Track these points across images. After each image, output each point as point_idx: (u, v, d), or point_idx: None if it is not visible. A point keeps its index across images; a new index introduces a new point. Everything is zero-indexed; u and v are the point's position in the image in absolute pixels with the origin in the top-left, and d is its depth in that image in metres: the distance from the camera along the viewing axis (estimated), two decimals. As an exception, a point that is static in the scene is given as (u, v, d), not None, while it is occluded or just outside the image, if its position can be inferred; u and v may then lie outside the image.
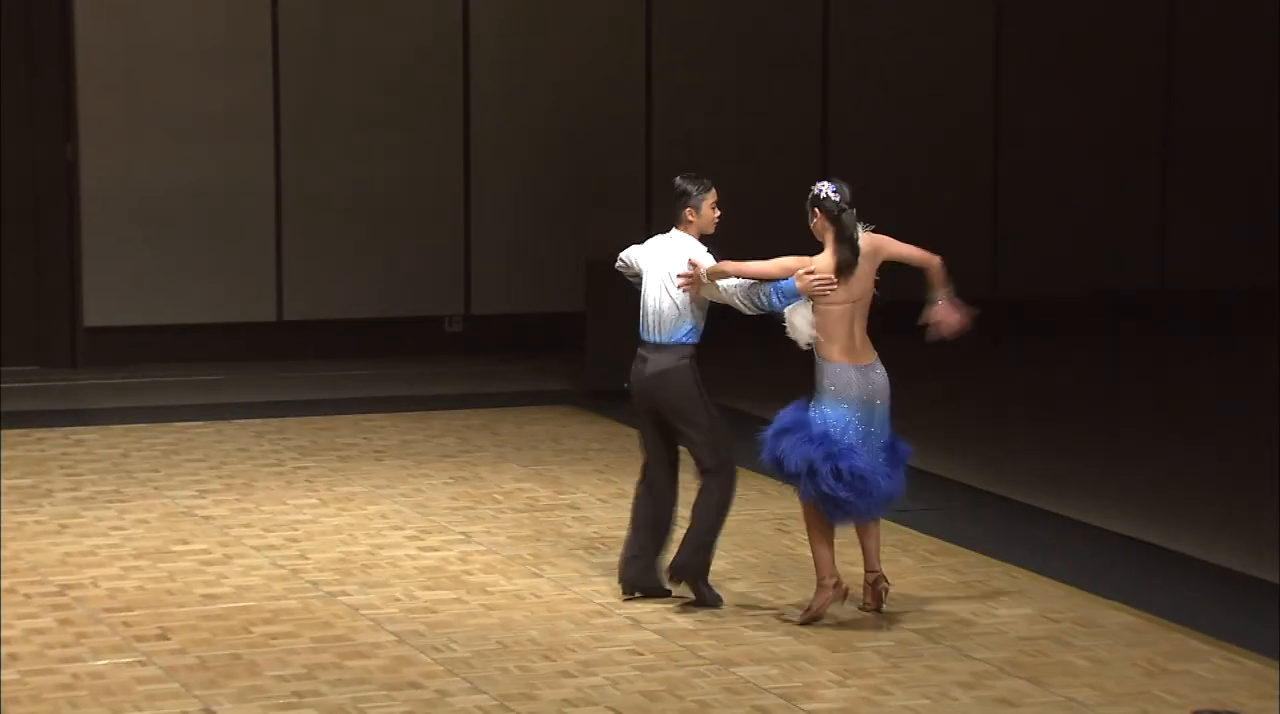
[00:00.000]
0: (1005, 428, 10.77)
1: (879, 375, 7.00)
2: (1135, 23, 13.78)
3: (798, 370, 7.21)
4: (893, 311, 7.30)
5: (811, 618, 6.95)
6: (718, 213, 7.22)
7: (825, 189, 7.03)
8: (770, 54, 13.06)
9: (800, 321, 6.95)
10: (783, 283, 6.94)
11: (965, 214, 13.58)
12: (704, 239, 7.24)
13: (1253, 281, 13.66)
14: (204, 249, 12.00)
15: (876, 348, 7.04)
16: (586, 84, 12.69)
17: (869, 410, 6.97)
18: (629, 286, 7.46)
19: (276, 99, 12.09)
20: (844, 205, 7.01)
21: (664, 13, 12.83)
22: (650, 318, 7.18)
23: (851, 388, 6.92)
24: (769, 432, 6.95)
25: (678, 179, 7.25)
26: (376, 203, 12.34)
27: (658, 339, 7.14)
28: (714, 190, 7.22)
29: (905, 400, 7.21)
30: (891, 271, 7.23)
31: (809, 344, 6.97)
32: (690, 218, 7.18)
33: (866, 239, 7.03)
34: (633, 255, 7.36)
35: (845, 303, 6.94)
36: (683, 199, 7.19)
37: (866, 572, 7.09)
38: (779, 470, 6.96)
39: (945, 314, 7.09)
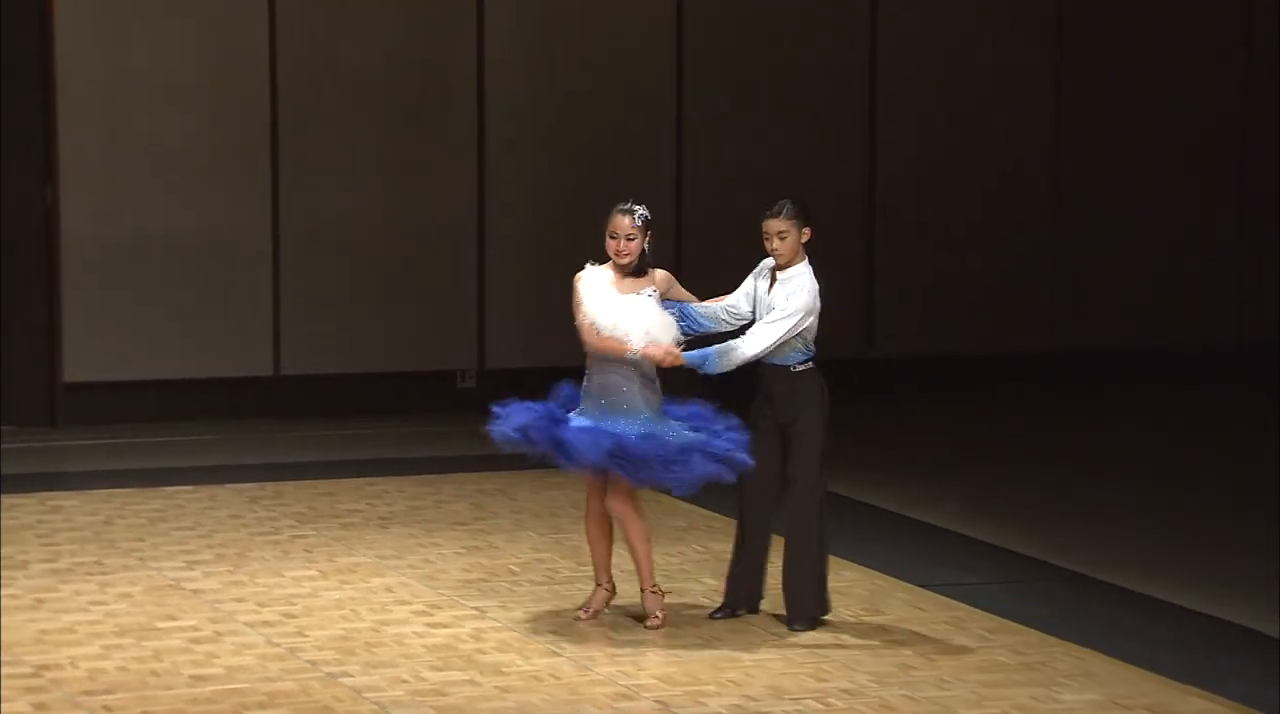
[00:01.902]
0: (1069, 493, 10.73)
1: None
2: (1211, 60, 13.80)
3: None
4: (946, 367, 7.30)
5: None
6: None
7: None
8: (812, 78, 13.06)
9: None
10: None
11: (1021, 257, 13.56)
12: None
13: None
14: (195, 298, 12.04)
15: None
16: (611, 122, 12.72)
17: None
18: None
19: (274, 136, 12.14)
20: None
21: (696, 35, 12.86)
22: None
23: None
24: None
25: None
26: (382, 248, 12.37)
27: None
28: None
29: (960, 463, 7.23)
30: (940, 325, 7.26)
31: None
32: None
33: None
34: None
35: None
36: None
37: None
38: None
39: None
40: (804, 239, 7.84)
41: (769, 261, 7.90)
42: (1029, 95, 13.53)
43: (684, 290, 7.97)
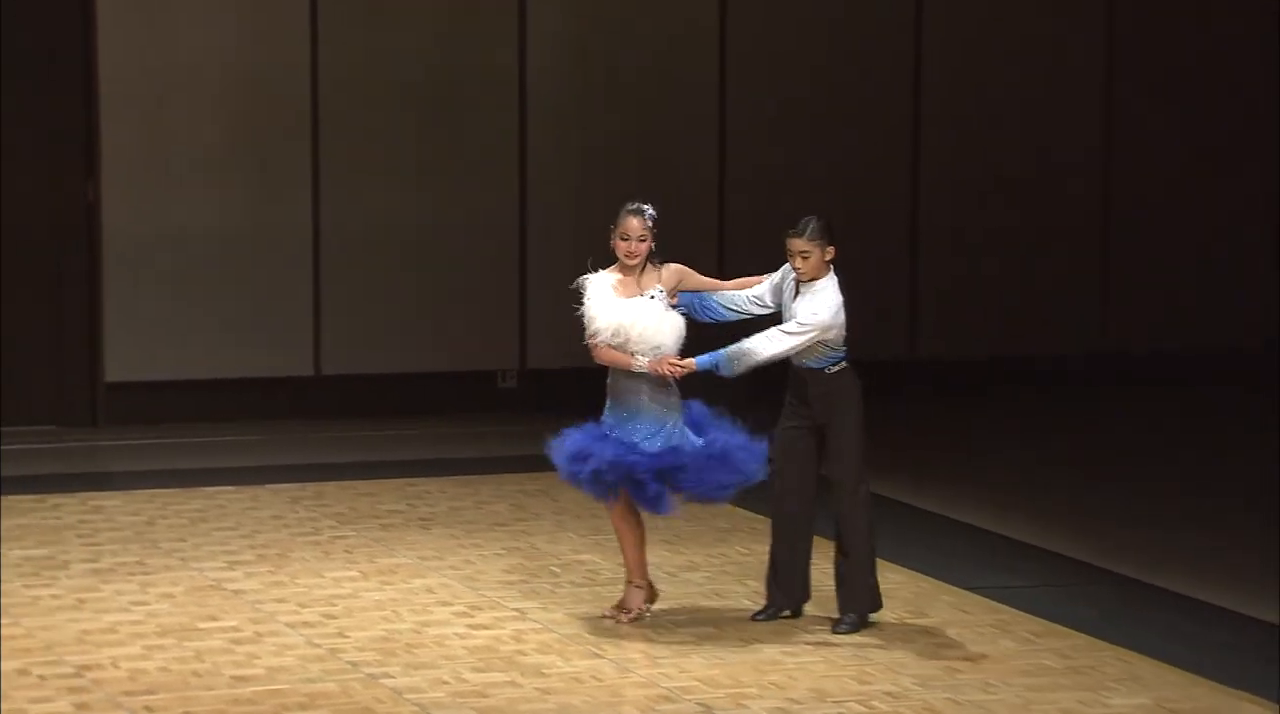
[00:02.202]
0: (1117, 495, 10.67)
1: None
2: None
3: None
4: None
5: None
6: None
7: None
8: (856, 83, 13.04)
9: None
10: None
11: (1071, 257, 13.51)
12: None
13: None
14: (236, 297, 12.06)
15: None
16: (654, 119, 12.71)
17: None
18: (693, 327, 7.87)
19: (315, 133, 12.16)
20: None
21: (739, 38, 12.84)
22: None
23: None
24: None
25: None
26: (424, 247, 12.38)
27: None
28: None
29: (1005, 465, 7.20)
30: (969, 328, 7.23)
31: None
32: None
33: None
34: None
35: None
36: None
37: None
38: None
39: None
40: (828, 258, 7.78)
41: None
42: (1075, 98, 13.47)
43: (702, 278, 7.91)
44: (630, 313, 7.68)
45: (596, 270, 7.79)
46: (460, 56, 12.36)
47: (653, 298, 7.72)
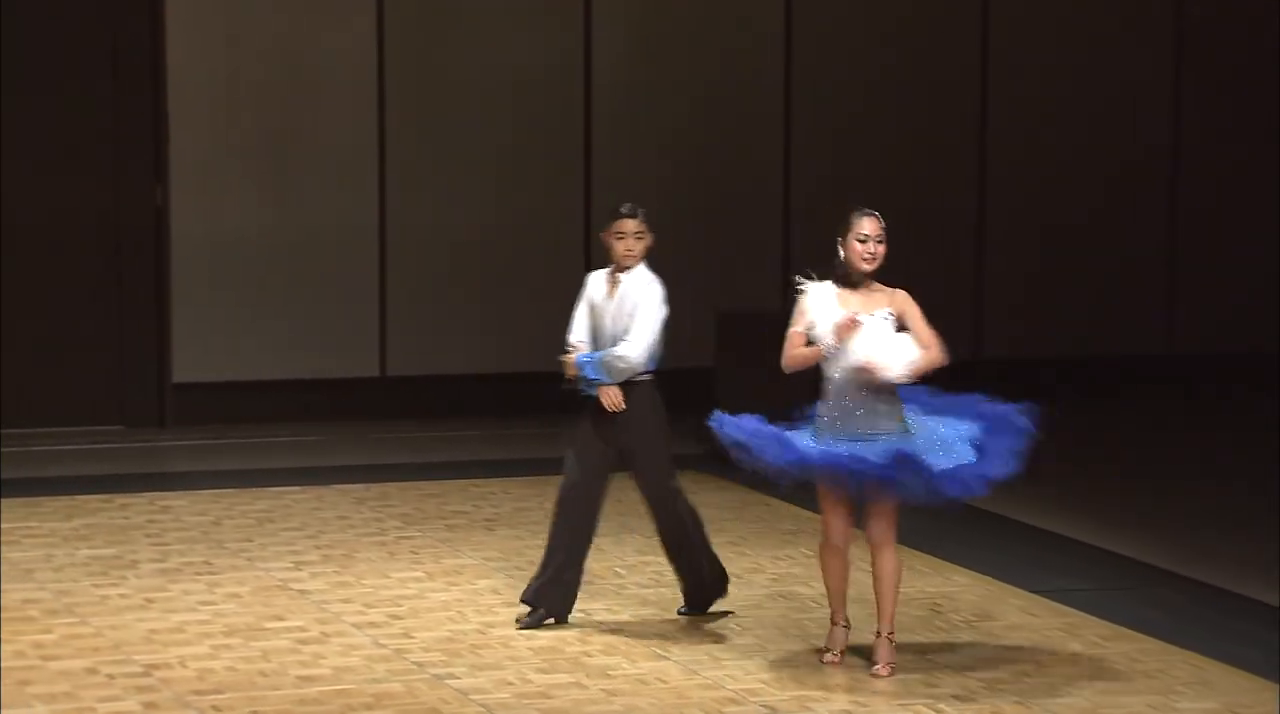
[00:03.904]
0: (1183, 498, 10.58)
1: None
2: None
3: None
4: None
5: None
6: (625, 245, 7.72)
7: None
8: (921, 88, 12.99)
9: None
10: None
11: (1138, 261, 13.43)
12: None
13: None
14: (302, 299, 12.11)
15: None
16: (718, 120, 12.69)
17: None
18: (759, 337, 7.75)
19: (381, 136, 12.20)
20: None
21: (804, 41, 12.81)
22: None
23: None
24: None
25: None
26: (489, 248, 12.40)
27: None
28: (625, 221, 7.72)
29: (1073, 465, 7.14)
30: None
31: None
32: (604, 242, 7.79)
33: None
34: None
35: None
36: (605, 222, 7.82)
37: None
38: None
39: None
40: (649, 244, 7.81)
41: (595, 276, 7.90)
42: (1145, 99, 13.38)
43: (917, 319, 7.45)
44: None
45: (815, 278, 7.37)
46: (524, 57, 12.37)
47: (885, 319, 7.27)
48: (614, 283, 7.88)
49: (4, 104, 11.68)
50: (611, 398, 7.77)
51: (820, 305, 7.24)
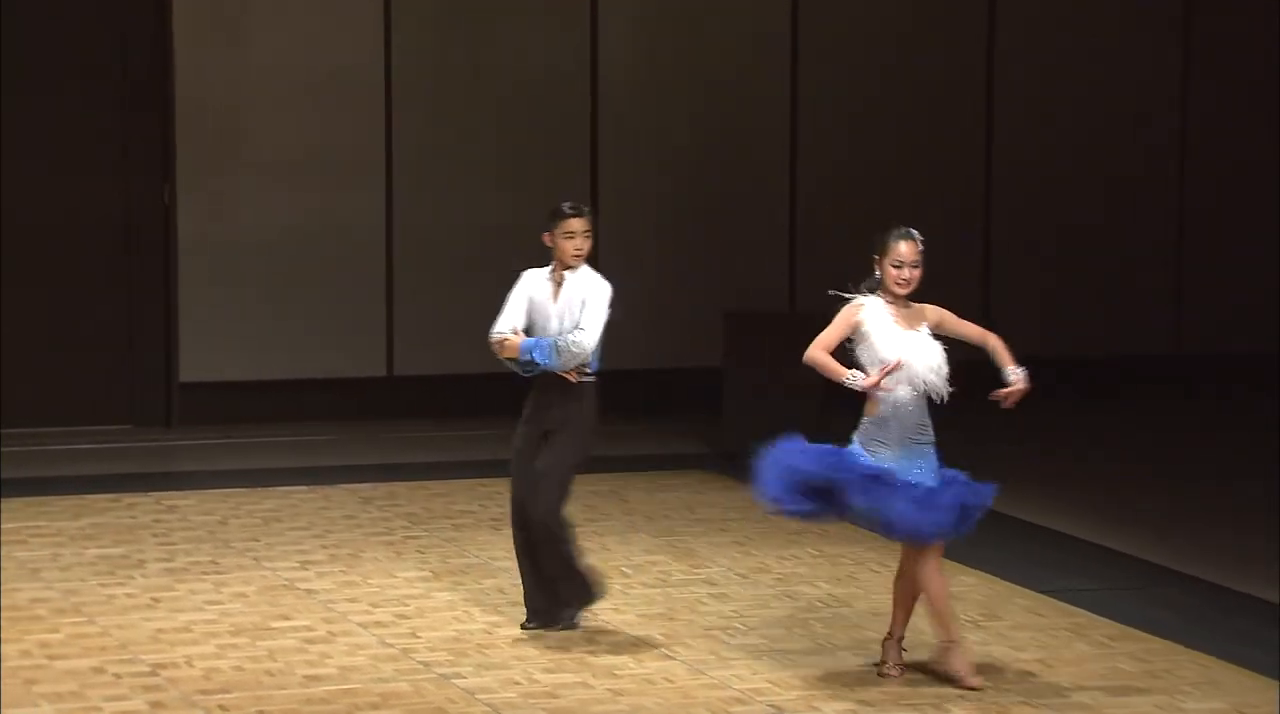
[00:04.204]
0: (1195, 500, 10.57)
1: None
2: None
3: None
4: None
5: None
6: (574, 244, 7.66)
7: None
8: (928, 87, 12.99)
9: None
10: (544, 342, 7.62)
11: (1143, 260, 13.42)
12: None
13: None
14: (309, 298, 12.11)
15: None
16: (725, 120, 12.68)
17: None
18: (767, 337, 7.64)
19: (389, 135, 12.20)
20: None
21: (810, 45, 12.80)
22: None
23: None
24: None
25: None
26: (496, 248, 12.38)
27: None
28: (574, 219, 7.65)
29: (1079, 466, 7.13)
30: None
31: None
32: (548, 243, 7.71)
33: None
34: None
35: None
36: (547, 222, 7.73)
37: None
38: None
39: (1011, 393, 7.28)
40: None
41: (533, 274, 7.80)
42: (1150, 99, 13.37)
43: (958, 322, 7.41)
44: (911, 348, 7.15)
45: (862, 292, 7.24)
46: (531, 59, 12.36)
47: (928, 334, 7.21)
48: (559, 283, 7.78)
49: (14, 104, 11.69)
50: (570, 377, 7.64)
51: (878, 323, 7.15)
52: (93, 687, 7.06)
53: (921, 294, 7.39)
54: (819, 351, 7.20)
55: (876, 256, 7.23)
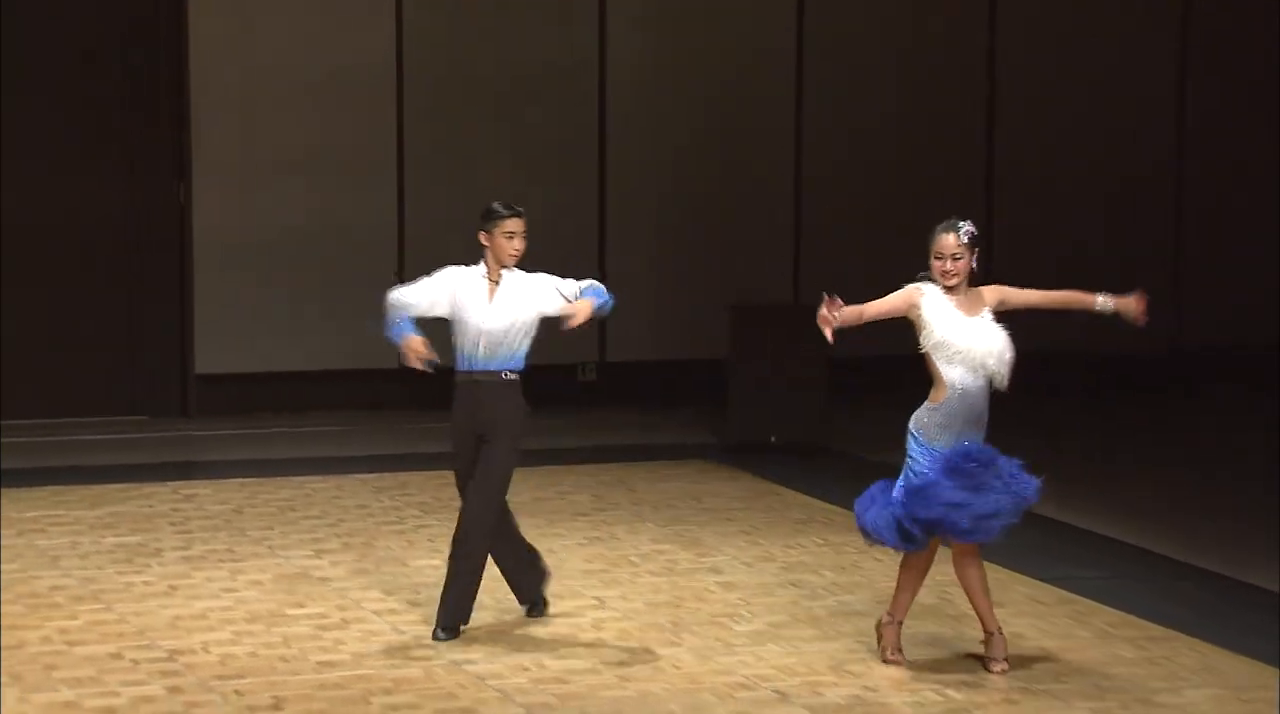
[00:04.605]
0: (1194, 491, 10.55)
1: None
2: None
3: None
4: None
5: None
6: (513, 244, 7.71)
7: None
8: (930, 85, 12.96)
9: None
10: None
11: (1143, 259, 13.39)
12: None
13: None
14: (322, 292, 12.10)
15: None
16: (731, 120, 12.67)
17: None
18: (771, 330, 7.59)
19: (400, 133, 12.19)
20: None
21: (814, 43, 12.79)
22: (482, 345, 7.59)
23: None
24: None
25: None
26: (505, 243, 12.38)
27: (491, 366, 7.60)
28: (514, 220, 7.72)
29: (1083, 458, 7.12)
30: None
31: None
32: (484, 242, 7.69)
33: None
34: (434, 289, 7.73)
35: None
36: (482, 222, 7.76)
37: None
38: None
39: (1132, 306, 7.44)
40: None
41: (460, 271, 7.78)
42: (1151, 98, 13.35)
43: (1020, 292, 7.43)
44: (972, 334, 7.14)
45: (922, 280, 7.21)
46: (539, 57, 12.35)
47: (995, 322, 7.23)
48: (496, 282, 7.74)
49: (30, 104, 11.69)
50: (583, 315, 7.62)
51: (937, 310, 7.13)
52: (111, 672, 7.07)
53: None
54: (868, 307, 7.13)
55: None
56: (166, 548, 8.85)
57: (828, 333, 6.97)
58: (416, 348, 7.62)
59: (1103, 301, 7.39)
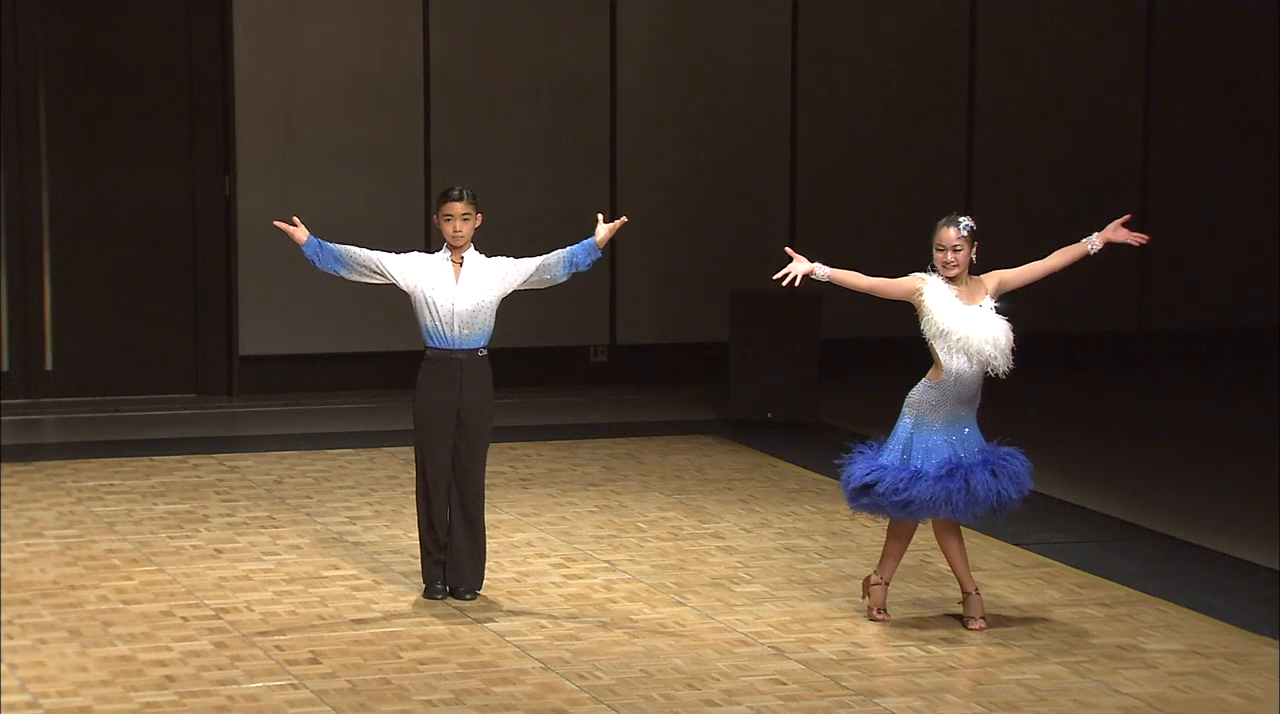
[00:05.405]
0: (1157, 460, 10.57)
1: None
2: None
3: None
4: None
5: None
6: (452, 226, 7.55)
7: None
8: (918, 86, 12.97)
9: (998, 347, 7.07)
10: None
11: (1111, 246, 13.38)
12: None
13: None
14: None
15: None
16: (733, 112, 12.68)
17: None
18: (768, 314, 7.57)
19: (426, 133, 12.22)
20: None
21: (810, 43, 12.79)
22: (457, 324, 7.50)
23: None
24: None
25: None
26: (524, 234, 12.38)
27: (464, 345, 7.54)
28: (454, 203, 7.55)
29: (1054, 432, 7.15)
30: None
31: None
32: (436, 223, 7.59)
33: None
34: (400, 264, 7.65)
35: None
36: (436, 205, 7.61)
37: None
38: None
39: (1124, 235, 7.51)
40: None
41: (424, 256, 7.68)
42: (1117, 101, 13.34)
43: (1017, 272, 7.40)
44: (971, 322, 7.11)
45: (930, 272, 7.19)
46: (555, 61, 12.37)
47: (994, 309, 7.21)
48: (459, 263, 7.65)
49: (93, 108, 11.73)
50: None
51: (937, 299, 7.12)
52: (163, 628, 7.12)
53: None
54: (875, 282, 7.18)
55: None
56: (213, 515, 8.90)
57: (793, 281, 7.08)
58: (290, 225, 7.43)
59: (1093, 243, 7.36)
